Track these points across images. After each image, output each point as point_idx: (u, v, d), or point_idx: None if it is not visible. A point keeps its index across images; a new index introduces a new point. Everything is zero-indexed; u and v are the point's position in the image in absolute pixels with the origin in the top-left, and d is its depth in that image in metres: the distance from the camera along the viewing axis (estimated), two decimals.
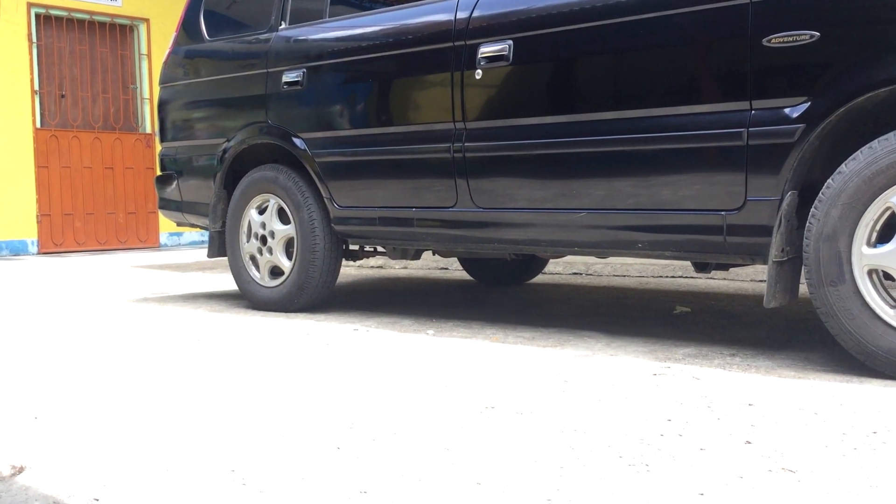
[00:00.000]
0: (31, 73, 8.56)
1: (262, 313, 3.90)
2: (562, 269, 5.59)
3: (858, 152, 2.31)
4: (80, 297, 4.73)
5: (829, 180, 2.36)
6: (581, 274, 5.43)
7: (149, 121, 9.42)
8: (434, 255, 3.93)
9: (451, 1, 3.25)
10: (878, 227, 2.31)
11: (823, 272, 2.37)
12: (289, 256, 3.90)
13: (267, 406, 2.12)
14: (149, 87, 9.36)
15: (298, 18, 3.92)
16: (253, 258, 4.06)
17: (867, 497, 1.43)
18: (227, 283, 5.25)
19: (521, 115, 3.03)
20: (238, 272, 4.11)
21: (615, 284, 4.89)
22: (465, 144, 3.17)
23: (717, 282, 4.83)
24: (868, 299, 2.31)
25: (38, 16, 8.65)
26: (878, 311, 2.30)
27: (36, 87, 8.61)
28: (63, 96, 8.86)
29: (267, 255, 3.96)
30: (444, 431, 1.87)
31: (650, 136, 2.70)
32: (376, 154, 3.49)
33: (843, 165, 2.34)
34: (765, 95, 2.48)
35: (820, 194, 2.38)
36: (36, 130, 8.58)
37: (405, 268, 6.05)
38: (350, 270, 6.03)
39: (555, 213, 2.96)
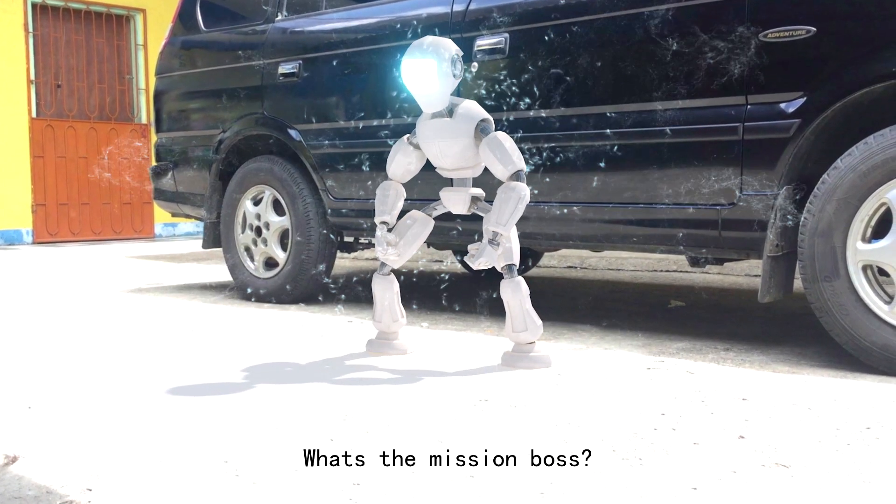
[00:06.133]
0: (28, 63, 8.53)
1: (256, 304, 3.89)
2: (556, 262, 5.59)
3: (854, 148, 2.31)
4: (75, 287, 4.72)
5: (825, 176, 2.36)
6: (576, 268, 5.44)
7: (144, 111, 9.40)
8: (429, 247, 3.93)
9: None
10: (872, 223, 2.31)
11: (818, 267, 2.37)
12: (283, 248, 3.90)
13: (260, 397, 2.12)
14: (144, 77, 9.34)
15: (295, 9, 3.92)
16: (248, 249, 4.05)
17: (861, 492, 1.43)
18: (222, 273, 5.24)
19: (517, 108, 3.03)
20: (233, 263, 4.11)
21: (610, 278, 4.90)
22: None
23: (711, 276, 4.84)
24: (862, 295, 2.32)
25: (34, 5, 8.62)
26: (872, 306, 2.30)
27: (32, 76, 8.59)
28: (59, 86, 8.83)
29: (262, 246, 3.96)
30: (437, 423, 1.87)
31: (646, 130, 2.70)
32: (372, 146, 3.49)
33: (838, 161, 2.34)
34: (760, 90, 2.48)
35: (815, 189, 2.38)
36: (32, 120, 8.55)
37: None
38: (345, 262, 6.03)
39: (551, 207, 2.96)
